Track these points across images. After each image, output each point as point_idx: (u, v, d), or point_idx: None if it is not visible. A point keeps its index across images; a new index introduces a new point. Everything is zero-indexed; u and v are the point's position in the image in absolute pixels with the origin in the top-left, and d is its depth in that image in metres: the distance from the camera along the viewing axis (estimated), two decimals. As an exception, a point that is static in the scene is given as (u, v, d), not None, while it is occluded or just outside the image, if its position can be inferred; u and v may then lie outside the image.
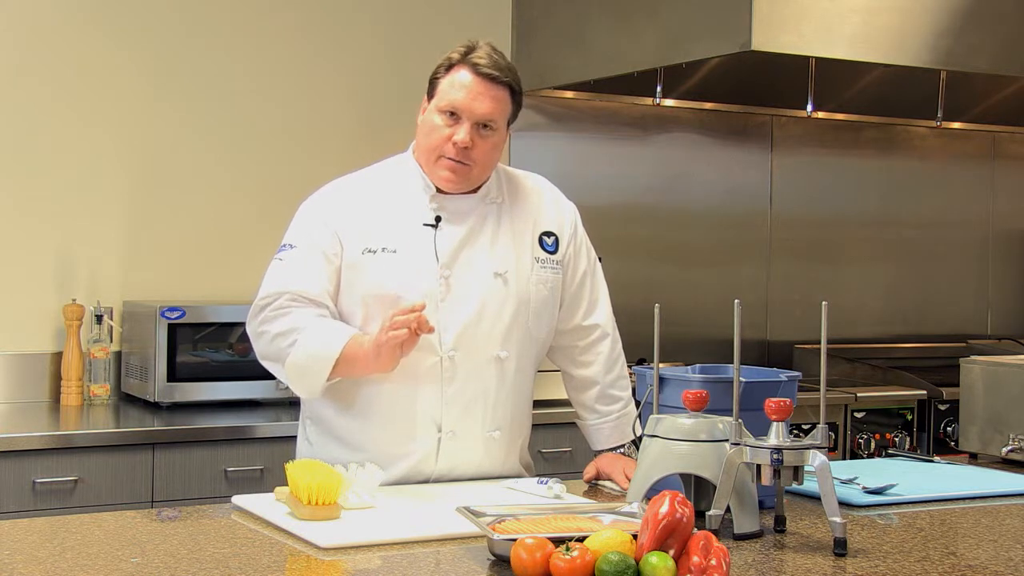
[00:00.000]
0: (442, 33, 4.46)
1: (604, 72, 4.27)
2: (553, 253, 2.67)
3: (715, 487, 2.13)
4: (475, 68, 2.51)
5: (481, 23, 4.53)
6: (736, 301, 2.17)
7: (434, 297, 2.52)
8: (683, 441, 2.21)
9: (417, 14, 4.46)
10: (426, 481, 2.56)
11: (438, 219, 2.57)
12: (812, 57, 4.03)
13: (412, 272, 2.52)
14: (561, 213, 2.72)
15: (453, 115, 2.51)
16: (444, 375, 2.53)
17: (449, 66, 2.54)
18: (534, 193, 2.70)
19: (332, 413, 2.60)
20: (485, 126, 2.52)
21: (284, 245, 2.59)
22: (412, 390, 2.53)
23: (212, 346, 3.80)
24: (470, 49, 2.54)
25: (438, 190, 2.58)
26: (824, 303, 2.12)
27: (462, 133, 2.50)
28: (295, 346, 2.48)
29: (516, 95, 2.57)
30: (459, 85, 2.51)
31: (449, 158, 2.52)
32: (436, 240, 2.55)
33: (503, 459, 2.63)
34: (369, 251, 2.53)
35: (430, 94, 2.57)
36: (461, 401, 2.55)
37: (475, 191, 2.60)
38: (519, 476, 2.65)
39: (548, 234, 2.68)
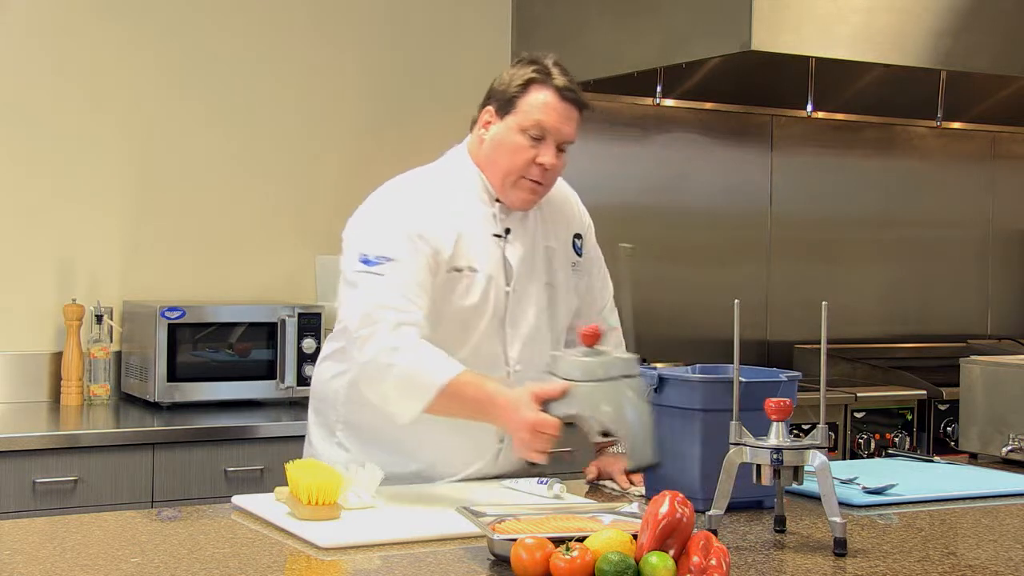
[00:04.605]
0: (443, 33, 4.47)
1: (604, 72, 4.26)
2: (581, 256, 2.68)
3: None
4: (560, 92, 2.48)
5: (481, 23, 4.53)
6: (736, 301, 2.17)
7: (501, 312, 2.52)
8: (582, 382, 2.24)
9: (418, 14, 4.46)
10: (484, 479, 2.58)
11: (507, 230, 2.55)
12: (812, 57, 4.03)
13: (487, 289, 2.50)
14: (582, 213, 2.74)
15: (538, 136, 2.48)
16: None
17: (527, 83, 2.49)
18: (560, 196, 2.69)
19: (387, 422, 2.50)
20: (561, 147, 2.51)
21: (381, 257, 2.42)
22: None
23: (212, 346, 3.79)
24: (544, 67, 2.50)
25: (496, 199, 2.56)
26: (824, 303, 2.12)
27: (550, 156, 2.48)
28: (400, 364, 2.36)
29: (582, 112, 2.55)
30: (547, 107, 2.48)
31: (532, 179, 2.50)
32: (506, 253, 2.53)
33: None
34: (455, 269, 2.48)
35: (504, 110, 2.51)
36: None
37: None
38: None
39: (578, 236, 2.69)
